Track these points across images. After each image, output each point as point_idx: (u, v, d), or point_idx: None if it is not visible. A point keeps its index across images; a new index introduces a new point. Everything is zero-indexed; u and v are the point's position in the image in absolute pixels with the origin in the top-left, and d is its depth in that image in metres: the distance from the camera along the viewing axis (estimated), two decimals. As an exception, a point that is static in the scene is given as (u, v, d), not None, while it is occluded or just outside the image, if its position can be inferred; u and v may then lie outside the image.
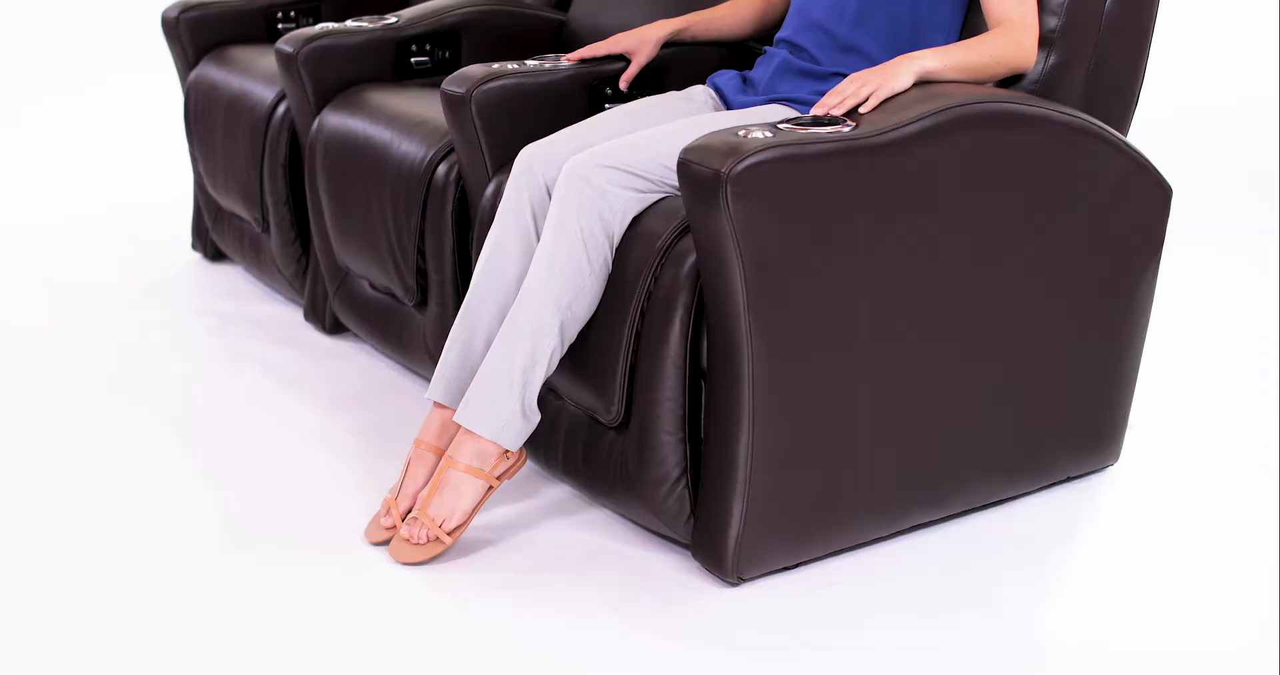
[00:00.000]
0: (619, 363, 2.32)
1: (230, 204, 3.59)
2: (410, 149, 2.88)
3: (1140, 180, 2.52)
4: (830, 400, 2.28)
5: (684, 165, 2.14)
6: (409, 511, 2.42)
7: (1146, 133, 4.26)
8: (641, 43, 2.82)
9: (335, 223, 3.11)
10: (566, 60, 2.81)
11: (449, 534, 2.37)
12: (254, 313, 3.55)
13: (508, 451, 2.39)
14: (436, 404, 2.48)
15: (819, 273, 2.20)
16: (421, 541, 2.37)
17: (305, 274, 3.43)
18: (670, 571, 2.38)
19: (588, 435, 2.46)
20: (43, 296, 3.63)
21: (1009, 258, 2.40)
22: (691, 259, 2.24)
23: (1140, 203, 2.53)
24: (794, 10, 2.65)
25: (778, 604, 2.29)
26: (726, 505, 2.26)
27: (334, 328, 3.37)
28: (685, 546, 2.42)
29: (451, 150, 2.82)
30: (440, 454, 2.45)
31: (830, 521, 2.36)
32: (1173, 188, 2.59)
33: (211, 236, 3.85)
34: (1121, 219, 2.52)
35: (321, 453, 2.78)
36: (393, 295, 3.04)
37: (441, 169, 2.82)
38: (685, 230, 2.28)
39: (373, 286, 3.12)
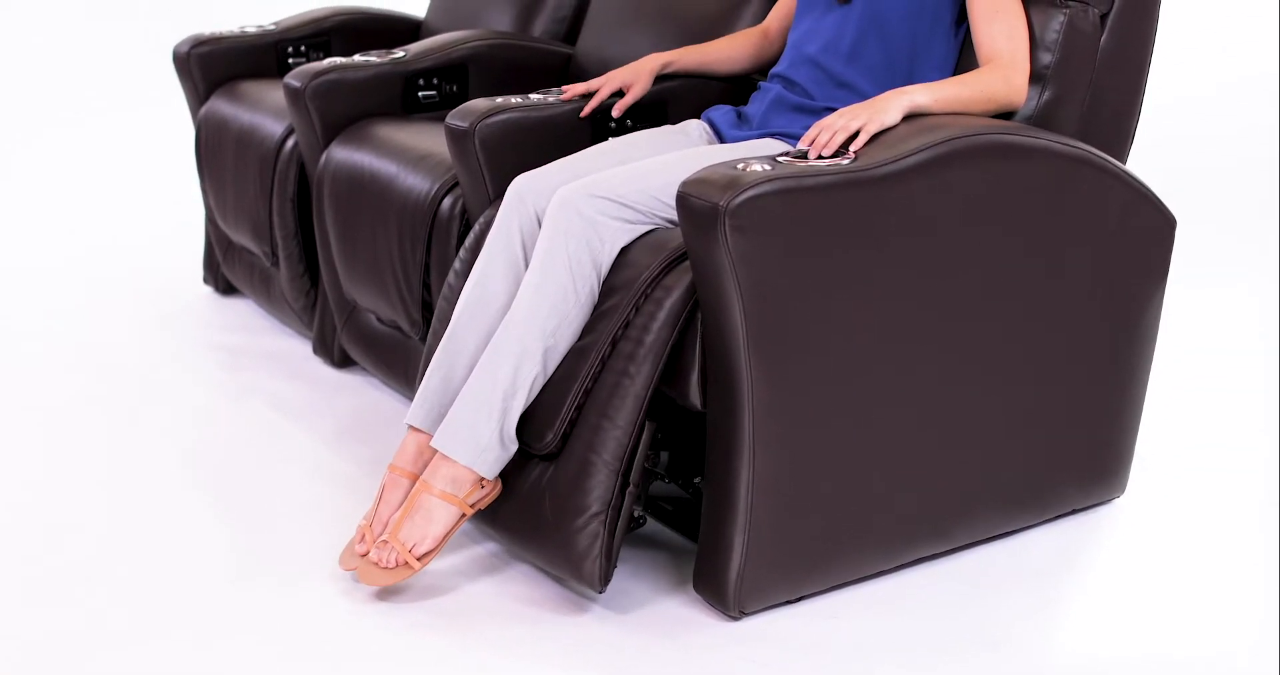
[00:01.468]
0: (574, 387, 2.30)
1: (240, 238, 3.61)
2: (415, 182, 2.89)
3: (1142, 210, 2.51)
4: (831, 433, 2.27)
5: (683, 198, 2.15)
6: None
7: (1148, 162, 4.26)
8: (636, 75, 2.83)
9: (342, 256, 3.12)
10: (563, 97, 2.82)
11: (419, 559, 2.34)
12: (264, 346, 3.56)
13: (483, 480, 2.37)
14: (412, 428, 2.47)
15: (819, 305, 2.20)
16: (390, 566, 2.34)
17: (314, 307, 3.44)
18: (672, 605, 2.37)
19: (510, 464, 2.42)
20: (55, 328, 3.65)
21: (1011, 289, 2.39)
22: (677, 295, 2.24)
23: (1143, 233, 2.53)
24: (789, 46, 2.66)
25: (780, 638, 2.28)
26: (728, 538, 2.25)
27: (342, 361, 3.38)
28: (585, 596, 2.40)
29: (456, 184, 2.83)
30: (415, 479, 2.44)
31: (832, 555, 2.35)
32: (1176, 218, 2.57)
33: (222, 270, 3.86)
34: (1124, 249, 2.51)
35: (327, 486, 2.78)
36: (399, 328, 3.04)
37: (446, 202, 2.82)
38: (671, 264, 2.28)
39: (379, 320, 3.13)
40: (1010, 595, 2.42)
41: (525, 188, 2.46)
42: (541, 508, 2.33)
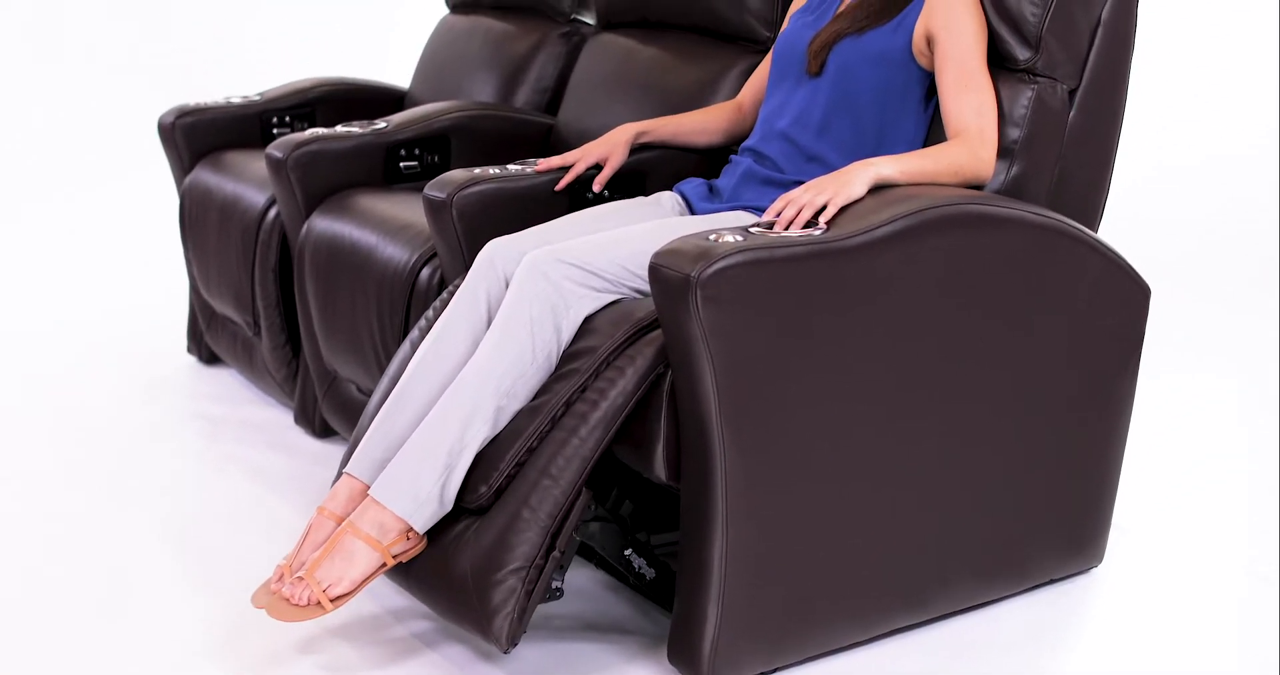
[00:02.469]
0: (518, 444, 2.29)
1: (223, 307, 3.61)
2: (394, 253, 2.90)
3: (1116, 279, 2.52)
4: (806, 503, 2.27)
5: (655, 269, 2.16)
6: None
7: (1122, 231, 4.29)
8: (612, 147, 2.85)
9: (322, 326, 3.13)
10: (536, 170, 2.84)
11: (332, 600, 2.28)
12: (246, 416, 3.56)
13: (410, 532, 2.33)
14: (348, 475, 2.43)
15: (792, 376, 2.20)
16: (302, 603, 2.28)
17: (296, 377, 3.44)
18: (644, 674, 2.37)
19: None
20: (37, 396, 3.64)
21: (986, 359, 2.40)
22: (640, 364, 2.24)
23: (1117, 302, 2.54)
24: (761, 120, 2.68)
25: (754, 710, 2.27)
26: (702, 609, 2.24)
27: (323, 431, 3.37)
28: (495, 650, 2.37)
29: (435, 254, 2.84)
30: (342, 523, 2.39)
31: (808, 625, 2.34)
32: (1150, 286, 2.59)
33: (206, 340, 3.87)
34: (1099, 318, 2.52)
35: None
36: (378, 398, 3.04)
37: (425, 272, 2.83)
38: (637, 334, 2.28)
39: (360, 390, 3.13)
40: (987, 666, 2.41)
41: (497, 252, 2.47)
42: (460, 560, 2.29)
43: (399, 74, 4.49)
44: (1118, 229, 4.32)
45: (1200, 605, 2.63)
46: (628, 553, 2.44)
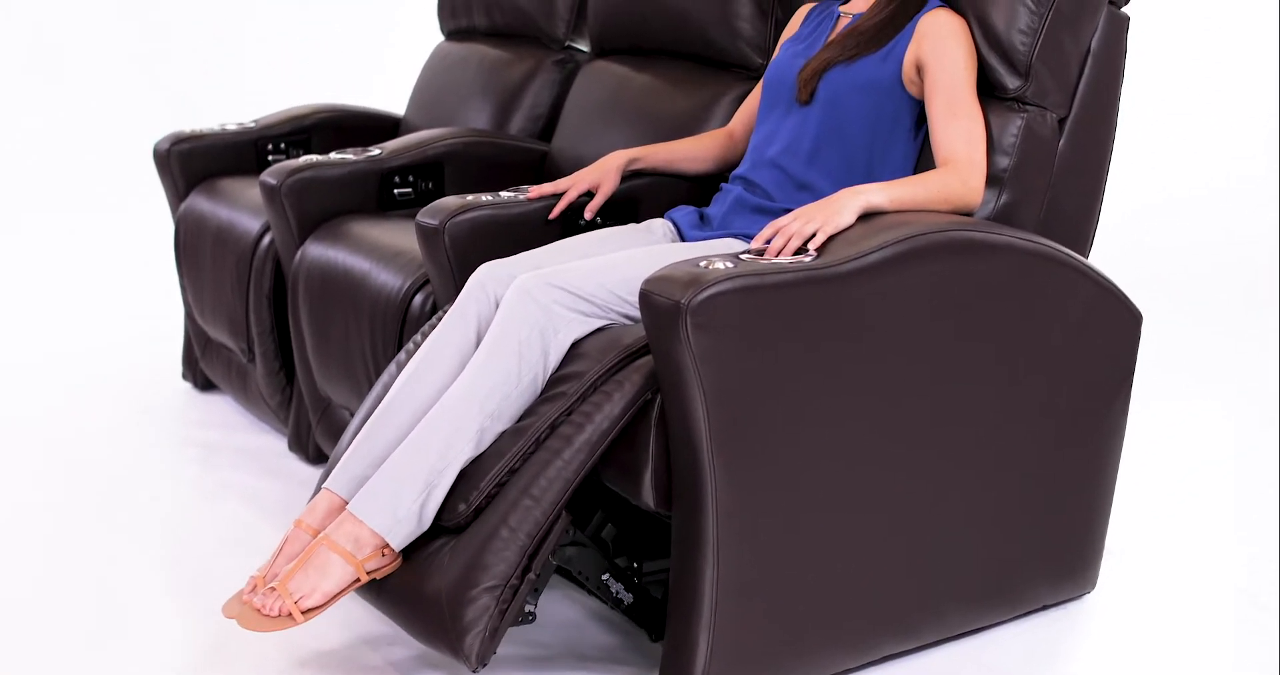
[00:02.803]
0: (500, 464, 2.28)
1: (218, 334, 3.62)
2: (387, 279, 2.91)
3: (1108, 305, 2.53)
4: (796, 530, 2.27)
5: (645, 296, 2.16)
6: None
7: (1114, 258, 4.30)
8: (603, 174, 2.85)
9: (316, 353, 3.13)
10: (528, 197, 2.84)
11: (304, 612, 2.26)
12: (240, 443, 3.56)
13: (386, 548, 2.31)
14: (327, 489, 2.42)
15: (783, 403, 2.21)
16: (273, 614, 2.26)
17: (290, 404, 3.44)
18: (639, 704, 2.36)
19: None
20: (32, 423, 3.64)
21: (977, 385, 2.40)
22: (628, 390, 2.24)
23: (1109, 328, 2.54)
24: (751, 148, 2.69)
25: (746, 737, 2.26)
26: (693, 636, 2.24)
27: (317, 458, 3.37)
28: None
29: (428, 281, 2.84)
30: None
31: (799, 653, 2.34)
32: (1142, 313, 2.59)
33: (201, 366, 3.87)
34: (1090, 344, 2.52)
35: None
36: (372, 425, 3.04)
37: (418, 299, 2.84)
38: (626, 360, 2.29)
39: (353, 416, 3.13)
40: (979, 693, 2.41)
41: (488, 275, 2.47)
42: (434, 577, 2.27)
43: (395, 101, 4.50)
44: (1110, 255, 4.32)
45: (1194, 631, 2.63)
46: (605, 577, 2.43)
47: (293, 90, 5.72)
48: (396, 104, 4.39)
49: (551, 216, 2.83)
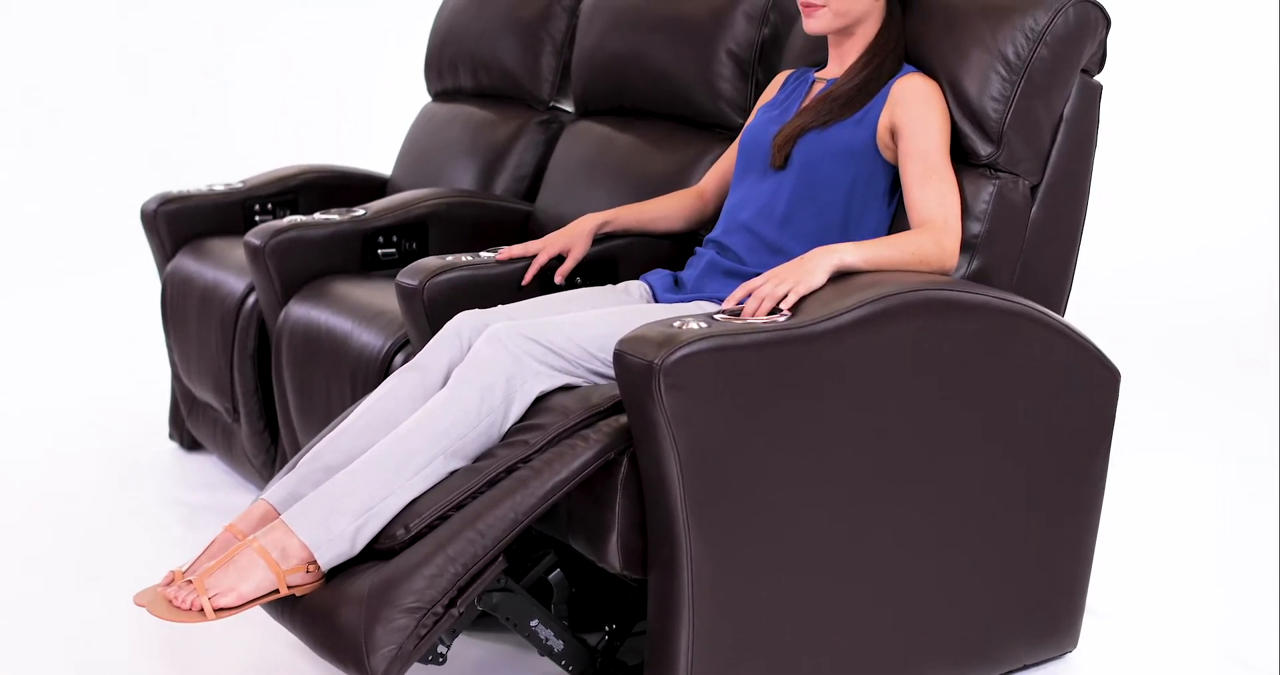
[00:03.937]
0: (448, 497, 2.27)
1: (203, 394, 3.62)
2: (369, 339, 2.92)
3: (1085, 363, 2.53)
4: (773, 591, 2.27)
5: (619, 356, 2.17)
6: None
7: (1095, 319, 4.31)
8: (574, 238, 2.86)
9: (299, 412, 3.14)
10: (498, 258, 2.85)
11: (216, 610, 2.22)
12: (225, 502, 3.55)
13: (312, 564, 2.27)
14: (263, 499, 2.39)
15: (758, 463, 2.21)
16: (185, 607, 2.22)
17: (275, 463, 3.44)
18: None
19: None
20: (18, 482, 3.64)
21: (954, 444, 2.40)
22: (593, 448, 2.24)
23: (1086, 386, 2.54)
24: (725, 212, 2.71)
25: (723, 799, 2.25)
26: (670, 697, 2.24)
27: (301, 516, 3.37)
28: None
29: (409, 341, 2.85)
30: None
31: (777, 713, 2.33)
32: (1120, 370, 2.60)
33: (188, 426, 3.87)
34: (1068, 403, 2.53)
35: (278, 647, 2.76)
36: (354, 484, 3.04)
37: (399, 359, 2.85)
38: (595, 418, 2.29)
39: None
40: (959, 753, 2.40)
41: (465, 323, 2.48)
42: (351, 591, 2.23)
43: (382, 161, 4.52)
44: (1086, 315, 4.34)
45: (1175, 690, 2.62)
46: (534, 623, 2.39)
47: (280, 151, 5.75)
48: (384, 164, 4.41)
49: (524, 283, 2.83)
